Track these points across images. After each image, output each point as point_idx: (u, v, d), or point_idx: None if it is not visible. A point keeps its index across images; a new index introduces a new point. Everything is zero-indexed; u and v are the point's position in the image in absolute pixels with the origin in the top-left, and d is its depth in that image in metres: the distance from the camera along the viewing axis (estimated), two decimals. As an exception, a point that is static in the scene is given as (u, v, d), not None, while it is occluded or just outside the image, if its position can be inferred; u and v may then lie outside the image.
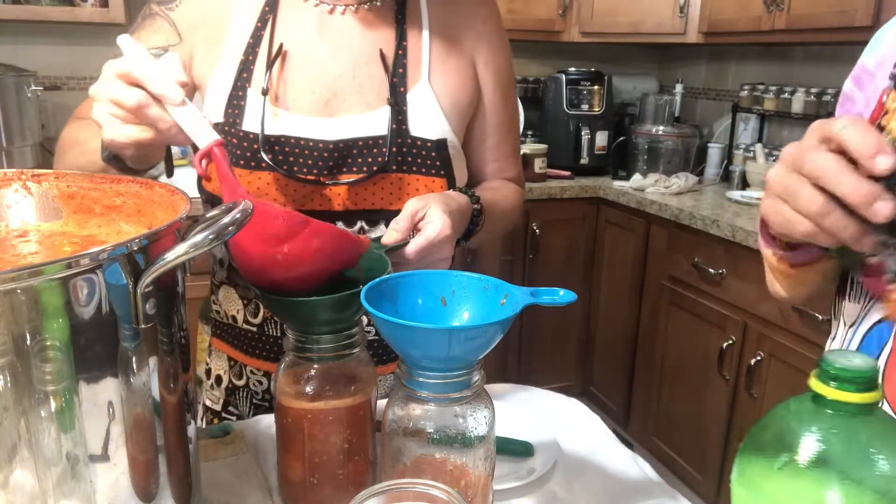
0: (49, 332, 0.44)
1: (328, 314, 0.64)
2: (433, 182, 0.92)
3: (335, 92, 0.89)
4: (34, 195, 0.66)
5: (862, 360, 0.45)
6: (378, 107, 0.90)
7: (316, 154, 0.88)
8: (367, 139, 0.89)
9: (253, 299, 0.95)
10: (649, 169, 2.85)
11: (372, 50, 0.91)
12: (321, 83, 0.89)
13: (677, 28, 2.70)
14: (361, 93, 0.90)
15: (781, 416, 0.49)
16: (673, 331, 2.43)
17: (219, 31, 0.90)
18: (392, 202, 0.91)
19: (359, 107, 0.90)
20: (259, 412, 0.98)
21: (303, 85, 0.89)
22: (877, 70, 0.72)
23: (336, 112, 0.90)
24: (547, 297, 0.60)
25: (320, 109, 0.89)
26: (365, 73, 0.90)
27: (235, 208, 0.52)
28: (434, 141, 0.91)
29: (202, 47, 0.91)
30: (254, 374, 0.98)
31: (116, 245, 0.46)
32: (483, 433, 0.59)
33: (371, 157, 0.89)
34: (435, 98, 0.92)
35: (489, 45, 0.98)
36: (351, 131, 0.89)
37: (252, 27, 0.90)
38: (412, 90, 0.91)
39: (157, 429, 0.54)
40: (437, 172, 0.92)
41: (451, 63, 0.95)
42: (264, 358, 0.97)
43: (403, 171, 0.90)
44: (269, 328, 0.95)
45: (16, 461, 0.45)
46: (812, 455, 0.45)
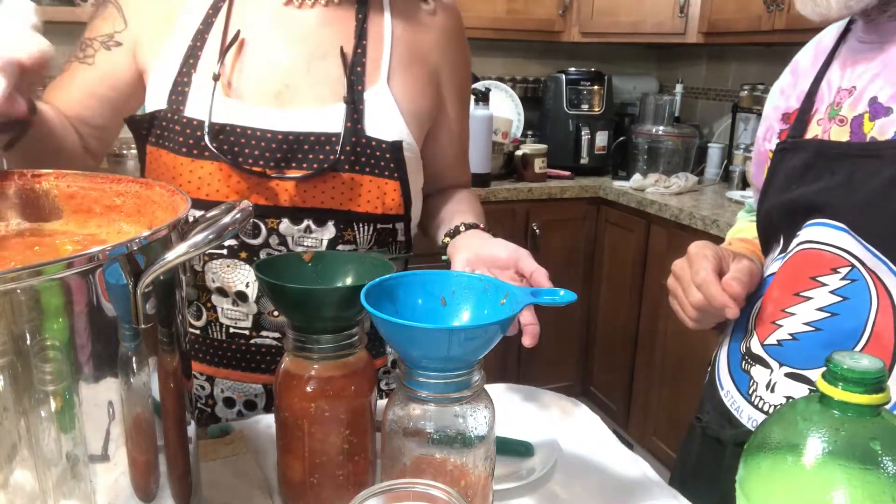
0: (49, 332, 0.44)
1: (332, 308, 0.64)
2: (385, 184, 0.90)
3: (287, 84, 0.87)
4: (34, 195, 0.66)
5: (869, 361, 0.45)
6: (332, 103, 0.88)
7: (263, 144, 0.85)
8: (320, 135, 0.87)
9: (194, 301, 0.92)
10: (649, 169, 2.85)
11: (329, 45, 0.89)
12: (274, 74, 0.87)
13: (677, 28, 2.70)
14: (315, 87, 0.88)
15: (788, 417, 0.49)
16: (673, 331, 2.43)
17: (168, 16, 0.89)
18: (342, 202, 0.88)
19: (312, 101, 0.88)
20: (203, 418, 0.96)
21: (254, 74, 0.87)
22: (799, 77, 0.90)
23: (287, 104, 0.87)
24: (547, 297, 0.60)
25: (271, 100, 0.87)
26: (320, 67, 0.88)
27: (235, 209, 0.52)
28: (389, 142, 0.89)
29: (149, 33, 0.89)
30: (196, 378, 0.95)
31: (116, 245, 0.46)
32: (483, 433, 0.59)
33: (322, 153, 0.87)
34: (393, 100, 0.91)
35: (453, 60, 0.98)
36: (302, 125, 0.86)
37: (203, 14, 0.88)
38: (369, 89, 0.90)
39: (157, 429, 0.54)
40: (390, 175, 0.90)
41: (414, 71, 0.93)
42: (207, 362, 0.93)
43: (356, 171, 0.88)
44: (212, 331, 0.92)
45: (16, 461, 0.45)
46: (818, 456, 0.45)
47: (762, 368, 0.80)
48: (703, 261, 0.81)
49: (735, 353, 0.85)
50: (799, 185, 0.80)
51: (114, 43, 0.90)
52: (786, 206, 0.81)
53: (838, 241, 0.75)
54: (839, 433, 0.45)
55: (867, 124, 0.75)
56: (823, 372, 0.46)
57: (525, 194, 2.65)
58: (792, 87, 0.89)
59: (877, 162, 0.72)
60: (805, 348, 0.76)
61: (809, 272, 0.77)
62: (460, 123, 1.03)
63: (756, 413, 0.79)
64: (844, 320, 0.73)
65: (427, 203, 1.04)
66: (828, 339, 0.74)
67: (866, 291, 0.72)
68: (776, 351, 0.78)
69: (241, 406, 0.95)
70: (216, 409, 0.96)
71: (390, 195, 0.91)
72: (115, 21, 0.90)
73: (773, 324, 0.79)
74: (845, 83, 0.80)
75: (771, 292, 0.81)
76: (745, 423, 0.81)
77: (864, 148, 0.74)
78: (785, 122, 0.88)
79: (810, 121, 0.83)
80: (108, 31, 0.90)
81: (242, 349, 0.92)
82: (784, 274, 0.80)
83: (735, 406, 0.83)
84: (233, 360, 0.93)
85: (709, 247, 0.84)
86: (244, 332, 0.92)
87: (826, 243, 0.76)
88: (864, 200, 0.72)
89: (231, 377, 0.94)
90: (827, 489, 0.44)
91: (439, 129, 1.00)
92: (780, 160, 0.84)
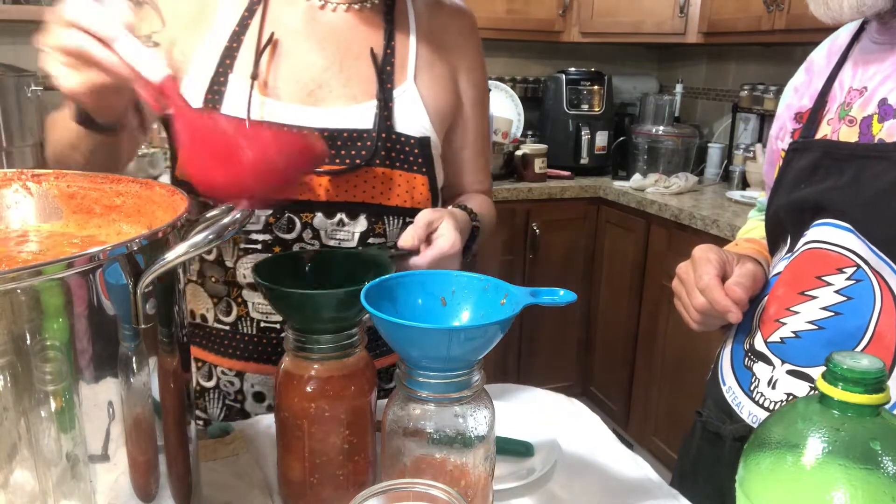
0: (49, 332, 0.44)
1: (331, 311, 0.64)
2: (415, 179, 0.94)
3: (321, 83, 0.91)
4: (34, 195, 0.66)
5: (869, 361, 0.45)
6: (363, 101, 0.92)
7: None
8: (352, 131, 0.90)
9: (224, 297, 0.93)
10: (649, 169, 2.85)
11: (360, 47, 0.93)
12: (308, 73, 0.90)
13: (677, 28, 2.70)
14: (348, 86, 0.92)
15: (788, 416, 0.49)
16: (673, 331, 2.43)
17: (204, 17, 0.91)
18: (374, 196, 0.92)
19: (344, 99, 0.91)
20: (231, 414, 0.97)
21: (289, 74, 0.90)
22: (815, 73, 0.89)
23: (321, 102, 0.90)
24: (547, 297, 0.60)
25: (305, 98, 0.90)
26: (352, 67, 0.92)
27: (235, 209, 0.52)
28: (418, 138, 0.93)
29: (185, 33, 0.91)
30: (225, 374, 0.96)
31: (116, 245, 0.46)
32: (483, 433, 0.59)
33: (355, 149, 0.90)
34: (420, 98, 0.95)
35: (470, 62, 1.03)
36: (335, 122, 0.90)
37: (239, 16, 0.91)
38: (398, 88, 0.94)
39: (157, 429, 0.54)
40: (419, 169, 0.94)
41: (436, 70, 0.98)
42: (238, 357, 0.95)
43: (387, 165, 0.91)
44: (243, 326, 0.94)
45: (16, 461, 0.45)
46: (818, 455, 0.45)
47: (764, 365, 0.80)
48: (706, 265, 0.82)
49: (738, 349, 0.86)
50: (807, 184, 0.80)
51: (151, 44, 0.90)
52: (793, 205, 0.82)
53: (844, 242, 0.75)
54: (839, 433, 0.45)
55: (876, 125, 0.75)
56: (823, 372, 0.46)
57: (525, 194, 2.65)
58: (806, 86, 0.89)
59: (884, 163, 0.72)
60: (808, 346, 0.76)
61: (815, 272, 0.77)
62: (477, 124, 1.06)
63: (756, 409, 0.80)
64: (847, 320, 0.73)
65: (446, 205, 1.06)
66: (830, 338, 0.74)
67: (870, 292, 0.72)
68: (779, 348, 0.79)
69: (271, 400, 0.96)
70: (245, 405, 0.97)
71: (419, 189, 0.94)
72: (152, 21, 0.91)
73: (777, 322, 0.80)
74: (856, 83, 0.80)
75: (776, 291, 0.82)
76: (745, 419, 0.81)
77: (871, 149, 0.74)
78: (797, 122, 0.88)
79: (821, 120, 0.83)
80: (146, 31, 0.91)
81: (273, 343, 0.94)
82: (790, 273, 0.81)
83: (736, 401, 0.83)
84: (263, 355, 0.94)
85: (713, 250, 0.84)
86: (275, 325, 0.93)
87: (832, 243, 0.76)
88: (870, 201, 0.73)
89: (261, 371, 0.95)
90: (827, 489, 0.44)
91: (457, 127, 1.03)
92: (790, 160, 0.85)
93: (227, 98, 0.88)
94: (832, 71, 0.85)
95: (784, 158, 0.86)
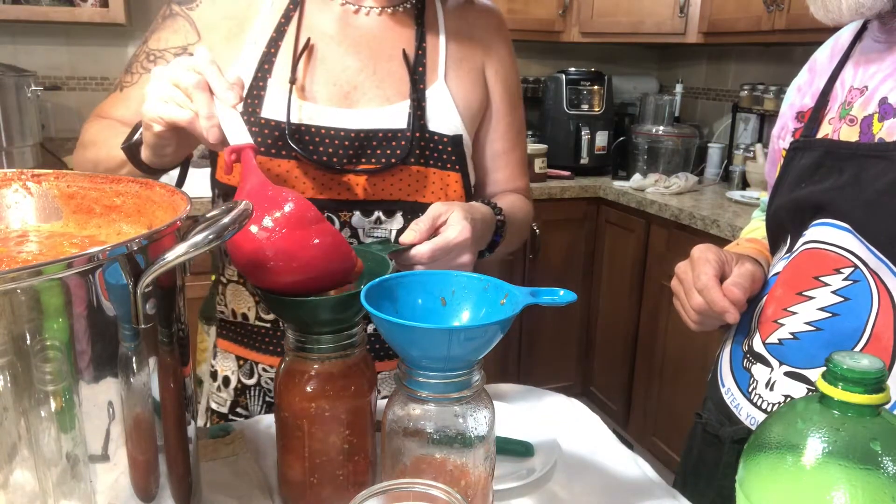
0: (49, 332, 0.44)
1: (329, 314, 0.64)
2: (448, 176, 0.96)
3: (356, 85, 0.93)
4: (34, 195, 0.66)
5: (869, 361, 0.45)
6: (396, 101, 0.94)
7: (337, 142, 0.91)
8: (387, 131, 0.93)
9: None
10: (649, 169, 2.85)
11: (393, 49, 0.96)
12: (343, 76, 0.93)
13: (677, 28, 2.70)
14: (381, 87, 0.94)
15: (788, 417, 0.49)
16: (673, 331, 2.43)
17: (241, 27, 0.93)
18: (409, 194, 0.94)
19: (378, 100, 0.94)
20: (272, 410, 0.98)
21: (325, 77, 0.93)
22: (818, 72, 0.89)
23: (356, 104, 0.93)
24: (547, 297, 0.60)
25: (340, 100, 0.92)
26: (385, 69, 0.95)
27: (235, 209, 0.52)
28: (450, 136, 0.95)
29: (221, 44, 0.93)
30: (266, 371, 0.99)
31: (116, 245, 0.46)
32: (483, 433, 0.59)
33: (390, 148, 0.93)
34: (451, 97, 0.97)
35: (498, 57, 1.04)
36: (370, 122, 0.92)
37: (276, 22, 0.93)
38: (430, 88, 0.96)
39: (157, 429, 0.54)
40: (452, 167, 0.96)
41: (464, 68, 1.00)
42: (279, 354, 0.97)
43: (421, 164, 0.94)
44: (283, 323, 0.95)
45: (16, 461, 0.45)
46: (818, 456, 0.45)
47: (763, 367, 0.80)
48: (705, 265, 0.82)
49: (737, 351, 0.86)
50: (807, 184, 0.80)
51: (188, 55, 0.92)
52: (793, 204, 0.82)
53: (842, 242, 0.75)
54: (839, 433, 0.45)
55: (876, 125, 0.75)
56: (823, 372, 0.46)
57: (527, 196, 2.65)
58: (808, 85, 0.89)
59: (883, 163, 0.72)
60: (805, 348, 0.76)
61: (813, 272, 0.77)
62: (509, 121, 1.06)
63: (755, 411, 0.80)
64: (845, 320, 0.73)
65: None
66: (828, 339, 0.74)
67: (868, 292, 0.72)
68: (777, 350, 0.79)
69: None
70: None
71: (452, 186, 0.97)
72: (187, 34, 0.93)
73: (775, 322, 0.80)
74: (857, 83, 0.80)
75: (775, 291, 0.82)
76: (744, 421, 0.81)
77: (871, 149, 0.74)
78: (799, 121, 0.88)
79: (822, 119, 0.83)
80: (181, 43, 0.93)
81: None
82: (788, 273, 0.80)
83: (735, 403, 0.83)
84: None
85: (711, 250, 0.84)
86: None
87: (830, 243, 0.76)
88: (869, 201, 0.73)
89: None
90: (827, 489, 0.44)
91: (487, 124, 1.04)
92: (791, 159, 0.85)
93: (267, 102, 0.90)
94: (834, 70, 0.85)
95: (785, 158, 0.86)
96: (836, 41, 0.89)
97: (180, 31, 0.93)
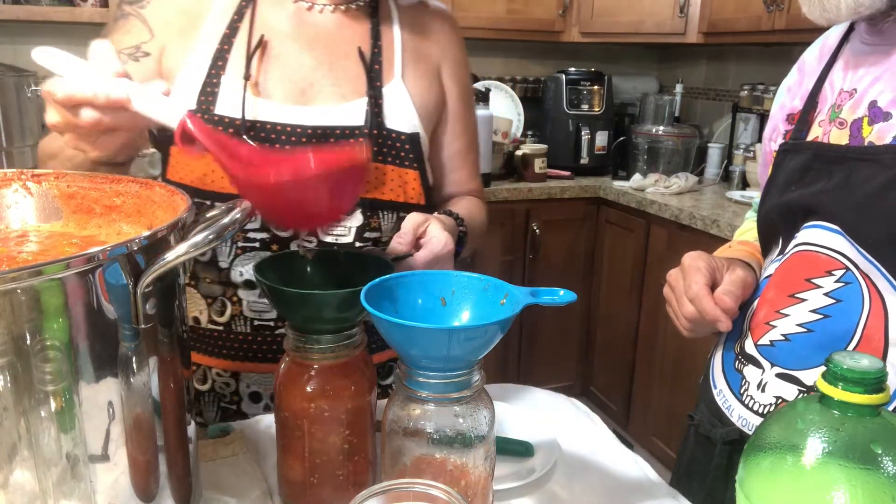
0: (49, 332, 0.44)
1: (332, 311, 0.64)
2: (406, 174, 0.96)
3: (312, 83, 0.93)
4: (34, 195, 0.66)
5: (869, 361, 0.45)
6: (353, 99, 0.93)
7: (293, 139, 0.90)
8: (344, 128, 0.92)
9: (219, 297, 0.93)
10: (649, 169, 2.85)
11: (348, 46, 0.95)
12: (298, 73, 0.92)
13: (677, 28, 2.70)
14: (338, 85, 0.94)
15: (788, 417, 0.49)
16: (673, 331, 2.41)
17: (193, 22, 0.92)
18: (368, 191, 0.93)
19: (334, 98, 0.93)
20: (227, 416, 0.96)
21: (280, 74, 0.92)
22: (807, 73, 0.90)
23: (312, 101, 0.92)
24: (547, 297, 0.60)
25: (296, 97, 0.91)
26: (341, 66, 0.94)
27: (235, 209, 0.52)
28: (408, 134, 0.95)
29: (175, 40, 0.92)
30: (220, 376, 0.96)
31: (116, 245, 0.46)
32: (483, 433, 0.59)
33: (348, 146, 0.91)
34: (408, 95, 0.97)
35: (454, 58, 1.05)
36: (327, 119, 0.92)
37: (229, 19, 0.92)
38: (387, 85, 0.96)
39: (157, 429, 0.54)
40: (410, 165, 0.96)
41: (421, 68, 1.00)
42: (232, 358, 0.95)
43: (379, 160, 0.94)
44: (237, 325, 0.94)
45: (16, 461, 0.45)
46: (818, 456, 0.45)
47: (754, 368, 0.80)
48: (696, 273, 0.82)
49: (729, 352, 0.86)
50: (798, 186, 0.80)
51: (142, 54, 0.92)
52: (784, 207, 0.82)
53: (833, 244, 0.75)
54: (839, 433, 0.45)
55: (866, 128, 0.75)
56: (823, 372, 0.46)
57: (525, 194, 2.65)
58: (797, 86, 0.89)
59: (873, 166, 0.72)
60: (796, 349, 0.76)
61: (805, 274, 0.77)
62: (463, 120, 1.07)
63: (746, 412, 0.80)
64: (836, 322, 0.73)
65: None
66: (819, 341, 0.74)
67: (859, 294, 0.72)
68: (768, 351, 0.79)
69: (267, 399, 0.97)
70: (242, 406, 0.97)
71: (411, 184, 0.97)
72: (140, 32, 0.92)
73: (767, 324, 0.80)
74: (846, 85, 0.80)
75: (767, 294, 0.82)
76: (736, 422, 0.81)
77: (861, 152, 0.74)
78: (790, 123, 0.88)
79: (812, 122, 0.83)
80: (134, 42, 0.92)
81: (269, 341, 0.94)
82: (780, 275, 0.81)
83: (727, 405, 0.83)
84: (258, 353, 0.94)
85: (702, 258, 0.84)
86: (269, 323, 0.93)
87: (822, 245, 0.76)
88: (859, 204, 0.73)
89: (257, 370, 0.95)
90: (827, 489, 0.44)
91: (444, 125, 1.05)
92: (781, 161, 0.85)
93: (221, 99, 0.89)
94: (822, 71, 0.85)
95: (775, 160, 0.86)
96: (825, 42, 0.89)
97: (133, 31, 0.92)
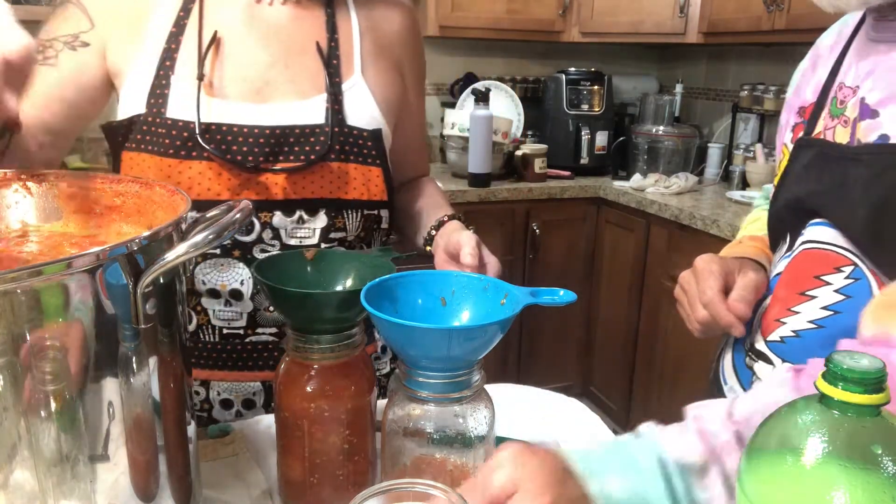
0: (49, 332, 0.44)
1: (332, 311, 0.64)
2: (370, 171, 0.93)
3: (268, 80, 0.89)
4: (34, 195, 0.66)
5: (869, 361, 0.45)
6: (312, 96, 0.90)
7: (251, 140, 0.87)
8: (304, 127, 0.89)
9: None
10: (649, 169, 2.85)
11: (304, 41, 0.92)
12: (253, 71, 0.89)
13: (677, 28, 2.70)
14: (295, 82, 0.90)
15: (788, 417, 0.49)
16: (673, 331, 2.43)
17: (137, 19, 0.88)
18: (332, 191, 0.91)
19: (292, 95, 0.90)
20: (199, 423, 0.94)
21: (234, 72, 0.88)
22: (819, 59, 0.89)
23: (269, 99, 0.89)
24: (547, 297, 0.60)
25: (252, 96, 0.88)
26: (298, 63, 0.91)
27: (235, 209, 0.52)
28: (370, 131, 0.93)
29: (118, 36, 0.88)
30: None
31: (116, 245, 0.46)
32: (483, 433, 0.59)
33: (308, 145, 0.89)
34: (369, 90, 0.94)
35: (413, 51, 1.04)
36: (286, 118, 0.88)
37: (174, 16, 0.88)
38: (346, 81, 0.93)
39: (157, 429, 0.54)
40: (373, 162, 0.94)
41: (381, 63, 0.97)
42: (201, 366, 0.92)
43: (342, 159, 0.91)
44: (204, 334, 0.91)
45: (16, 461, 0.45)
46: (818, 456, 0.45)
47: (765, 364, 0.80)
48: (709, 277, 0.82)
49: (740, 349, 0.86)
50: (803, 184, 0.81)
51: (80, 43, 0.88)
52: (791, 204, 0.82)
53: (839, 241, 0.75)
54: (839, 433, 0.45)
55: (858, 126, 0.75)
56: (823, 372, 0.46)
57: (525, 194, 2.65)
58: (811, 72, 0.89)
59: (859, 166, 0.73)
60: (807, 345, 0.76)
61: (814, 271, 0.77)
62: (421, 113, 1.10)
63: None
64: (847, 317, 0.74)
65: (398, 199, 1.06)
66: (829, 336, 0.74)
67: (868, 289, 0.73)
68: (779, 347, 0.79)
69: (239, 406, 0.95)
70: (213, 413, 0.95)
71: (374, 181, 0.94)
72: (79, 21, 0.88)
73: (777, 321, 0.80)
74: (850, 80, 0.80)
75: (778, 292, 0.82)
76: None
77: (853, 152, 0.75)
78: (801, 116, 0.88)
79: (819, 117, 0.83)
80: (72, 30, 0.88)
81: (238, 349, 0.92)
82: (790, 273, 0.81)
83: None
84: (228, 362, 0.92)
85: (715, 261, 0.84)
86: (238, 331, 0.91)
87: (828, 242, 0.76)
88: (848, 203, 0.73)
89: (227, 378, 0.93)
90: (827, 489, 0.44)
91: (405, 117, 1.04)
92: (795, 157, 0.85)
93: (172, 101, 0.86)
94: (834, 64, 0.85)
95: (790, 155, 0.86)
96: (842, 28, 0.88)
97: (71, 19, 0.88)
